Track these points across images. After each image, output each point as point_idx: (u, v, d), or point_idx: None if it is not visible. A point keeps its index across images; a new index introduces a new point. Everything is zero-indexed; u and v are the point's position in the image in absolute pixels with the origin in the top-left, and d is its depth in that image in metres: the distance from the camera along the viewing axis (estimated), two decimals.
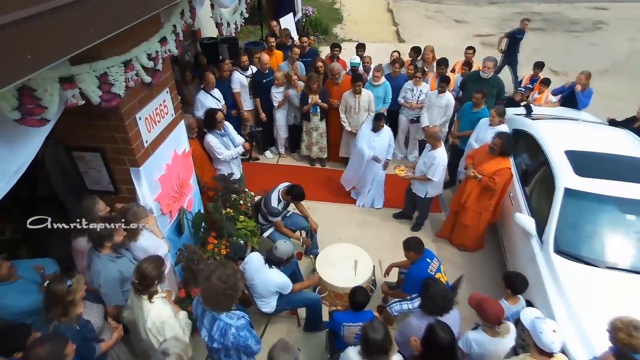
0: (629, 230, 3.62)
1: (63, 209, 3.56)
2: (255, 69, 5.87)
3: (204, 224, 3.94)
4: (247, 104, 5.93)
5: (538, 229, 3.80)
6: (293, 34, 7.43)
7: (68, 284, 2.33)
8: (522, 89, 6.25)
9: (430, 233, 5.14)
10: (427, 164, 4.60)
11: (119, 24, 1.98)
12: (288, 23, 8.01)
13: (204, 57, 6.16)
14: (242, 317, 2.45)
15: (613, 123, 5.28)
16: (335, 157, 6.27)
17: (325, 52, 8.34)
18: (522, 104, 5.91)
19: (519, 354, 2.71)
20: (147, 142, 3.00)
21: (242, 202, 4.39)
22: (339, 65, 5.91)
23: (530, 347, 2.40)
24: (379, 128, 5.06)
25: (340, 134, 5.98)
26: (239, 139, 4.80)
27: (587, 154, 4.17)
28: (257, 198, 4.57)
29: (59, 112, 1.97)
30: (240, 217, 4.19)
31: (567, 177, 3.90)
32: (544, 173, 4.22)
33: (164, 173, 3.27)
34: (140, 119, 2.88)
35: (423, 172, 4.64)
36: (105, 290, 2.74)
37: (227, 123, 4.69)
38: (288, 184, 4.25)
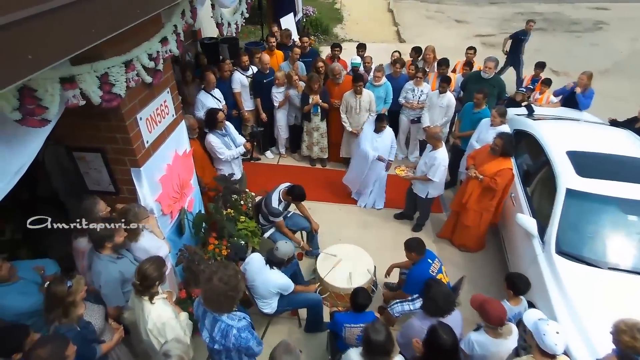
0: (631, 231, 3.62)
1: (63, 210, 3.55)
2: (256, 69, 5.86)
3: (205, 225, 3.93)
4: (247, 104, 5.92)
5: (539, 230, 3.79)
6: (294, 34, 7.42)
7: (68, 285, 2.32)
8: (523, 89, 6.24)
9: (431, 233, 5.13)
10: (428, 164, 4.59)
11: (120, 24, 1.98)
12: (289, 23, 8.00)
13: (205, 57, 6.15)
14: (243, 318, 2.44)
15: (614, 123, 5.28)
16: (336, 157, 6.26)
17: (326, 52, 8.34)
18: (523, 105, 5.90)
19: (521, 356, 2.71)
20: (148, 142, 2.99)
21: (242, 202, 4.39)
22: (340, 66, 5.90)
23: (533, 349, 2.39)
24: (382, 129, 5.06)
25: (341, 134, 5.97)
26: (240, 139, 4.79)
27: (588, 155, 4.16)
28: (257, 198, 4.56)
29: (60, 112, 1.96)
30: (241, 217, 4.19)
31: (568, 177, 3.89)
32: (546, 173, 4.21)
33: (165, 173, 3.26)
34: (141, 119, 2.87)
35: (424, 172, 4.63)
36: (106, 291, 2.73)
37: (228, 123, 4.68)
38: (289, 185, 4.24)
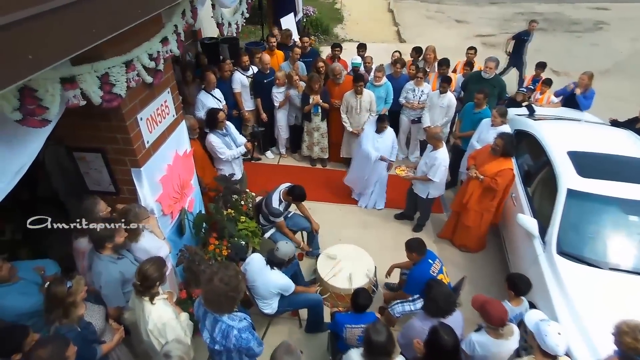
0: (632, 232, 3.61)
1: (64, 210, 3.55)
2: (256, 69, 5.85)
3: (205, 225, 3.93)
4: (248, 104, 5.91)
5: (540, 230, 3.78)
6: (294, 34, 7.41)
7: (68, 286, 2.31)
8: (523, 90, 6.23)
9: (432, 234, 5.13)
10: (428, 165, 4.58)
11: (121, 24, 1.97)
12: (289, 23, 8.00)
13: (205, 57, 6.14)
14: (244, 318, 2.43)
15: (615, 124, 5.27)
16: (337, 157, 6.26)
17: (326, 52, 8.33)
18: (523, 105, 5.90)
19: (522, 356, 2.71)
20: (148, 142, 2.98)
21: (243, 202, 4.38)
22: (340, 66, 5.89)
23: (535, 349, 2.38)
24: (383, 129, 5.06)
25: (342, 135, 5.96)
26: (241, 139, 4.78)
27: (589, 155, 4.15)
28: (258, 199, 4.55)
29: (60, 112, 1.95)
30: (242, 217, 4.18)
31: (569, 178, 3.88)
32: (547, 174, 4.21)
33: (165, 174, 3.26)
34: (142, 120, 2.86)
35: (424, 172, 4.62)
36: (106, 292, 2.72)
37: (228, 123, 4.68)
38: (289, 185, 4.23)
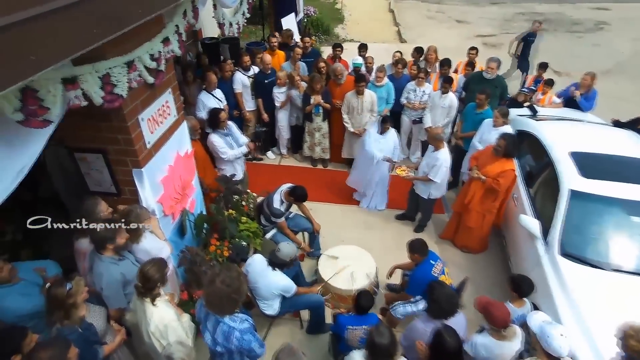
0: (635, 232, 3.59)
1: (65, 211, 3.53)
2: (258, 70, 5.84)
3: (207, 226, 3.92)
4: (249, 105, 5.90)
5: (543, 231, 3.77)
6: (295, 35, 7.40)
7: (68, 287, 2.30)
8: (525, 90, 6.22)
9: (434, 234, 5.11)
10: (429, 165, 4.57)
11: (123, 24, 1.96)
12: (290, 23, 7.99)
13: (206, 57, 6.13)
14: (245, 320, 2.42)
15: (617, 124, 5.25)
16: (338, 158, 6.24)
17: (327, 52, 8.32)
18: (525, 105, 5.89)
19: (524, 358, 2.69)
20: (149, 143, 2.97)
21: (244, 203, 4.37)
22: (342, 66, 5.88)
23: (538, 351, 2.37)
24: (386, 130, 5.05)
25: (343, 135, 5.95)
26: (243, 139, 4.77)
27: (592, 156, 4.14)
28: (259, 199, 4.54)
29: (62, 113, 1.94)
30: (243, 218, 4.17)
31: (572, 178, 3.87)
32: (549, 175, 4.19)
33: (167, 174, 3.24)
34: (143, 120, 2.85)
35: (425, 173, 4.61)
36: (108, 293, 2.71)
37: (231, 123, 4.67)
38: (291, 185, 4.22)
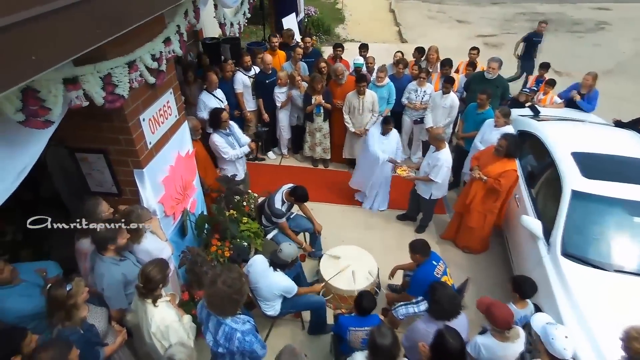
0: (637, 233, 3.59)
1: (66, 211, 3.53)
2: (258, 70, 5.83)
3: (207, 226, 3.91)
4: (249, 105, 5.89)
5: (545, 232, 3.76)
6: (296, 35, 7.39)
7: (68, 289, 2.29)
8: (526, 90, 6.21)
9: (435, 235, 5.10)
10: (430, 165, 4.57)
11: (124, 25, 1.95)
12: (291, 23, 7.98)
13: (207, 57, 6.12)
14: (247, 321, 2.41)
15: (619, 124, 5.24)
16: (339, 158, 6.23)
17: (328, 52, 8.31)
18: (527, 105, 5.87)
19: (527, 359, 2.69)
20: (150, 143, 2.96)
21: (245, 203, 4.35)
22: (343, 66, 5.87)
23: (542, 353, 2.36)
24: (388, 131, 5.04)
25: (344, 135, 5.94)
26: (245, 139, 4.76)
27: (594, 156, 4.13)
28: (260, 199, 4.53)
29: (63, 113, 1.94)
30: (244, 218, 4.16)
31: (574, 179, 3.86)
32: (550, 175, 4.18)
33: (168, 175, 3.23)
34: (144, 120, 2.84)
35: (427, 173, 4.61)
36: (109, 294, 2.70)
37: (232, 122, 4.66)
38: (292, 185, 4.21)
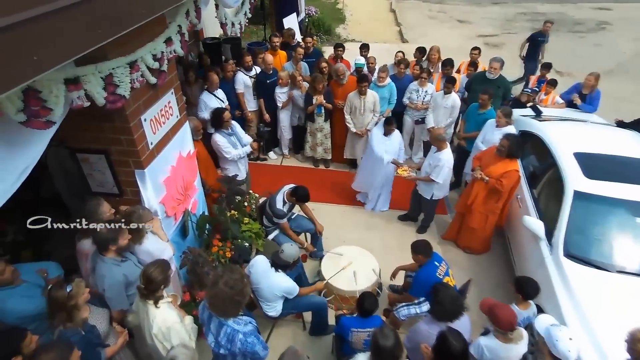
0: (639, 233, 3.57)
1: (67, 211, 3.52)
2: (259, 70, 5.82)
3: (209, 226, 3.90)
4: (250, 105, 5.88)
5: (547, 232, 3.75)
6: (297, 35, 7.38)
7: (68, 290, 2.28)
8: (528, 90, 6.19)
9: (436, 235, 5.09)
10: (432, 165, 4.55)
11: (126, 25, 1.94)
12: (291, 23, 7.96)
13: (208, 57, 6.11)
14: (249, 322, 2.40)
15: (621, 124, 5.22)
16: (340, 158, 6.22)
17: (328, 52, 8.30)
18: (528, 106, 5.86)
19: None
20: (152, 143, 2.95)
21: (246, 204, 4.35)
22: (344, 66, 5.85)
23: (545, 355, 2.35)
24: (391, 132, 5.03)
25: (345, 136, 5.93)
26: (247, 139, 4.76)
27: (596, 156, 4.11)
28: (261, 200, 4.52)
29: (64, 114, 1.93)
30: (245, 219, 4.15)
31: (576, 179, 3.84)
32: (553, 175, 4.17)
33: (169, 175, 3.23)
34: (146, 121, 2.84)
35: (428, 173, 4.59)
36: (110, 295, 2.69)
37: (234, 122, 4.65)
38: (293, 186, 4.20)
